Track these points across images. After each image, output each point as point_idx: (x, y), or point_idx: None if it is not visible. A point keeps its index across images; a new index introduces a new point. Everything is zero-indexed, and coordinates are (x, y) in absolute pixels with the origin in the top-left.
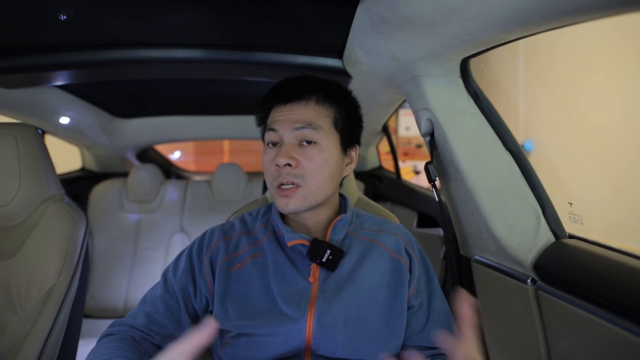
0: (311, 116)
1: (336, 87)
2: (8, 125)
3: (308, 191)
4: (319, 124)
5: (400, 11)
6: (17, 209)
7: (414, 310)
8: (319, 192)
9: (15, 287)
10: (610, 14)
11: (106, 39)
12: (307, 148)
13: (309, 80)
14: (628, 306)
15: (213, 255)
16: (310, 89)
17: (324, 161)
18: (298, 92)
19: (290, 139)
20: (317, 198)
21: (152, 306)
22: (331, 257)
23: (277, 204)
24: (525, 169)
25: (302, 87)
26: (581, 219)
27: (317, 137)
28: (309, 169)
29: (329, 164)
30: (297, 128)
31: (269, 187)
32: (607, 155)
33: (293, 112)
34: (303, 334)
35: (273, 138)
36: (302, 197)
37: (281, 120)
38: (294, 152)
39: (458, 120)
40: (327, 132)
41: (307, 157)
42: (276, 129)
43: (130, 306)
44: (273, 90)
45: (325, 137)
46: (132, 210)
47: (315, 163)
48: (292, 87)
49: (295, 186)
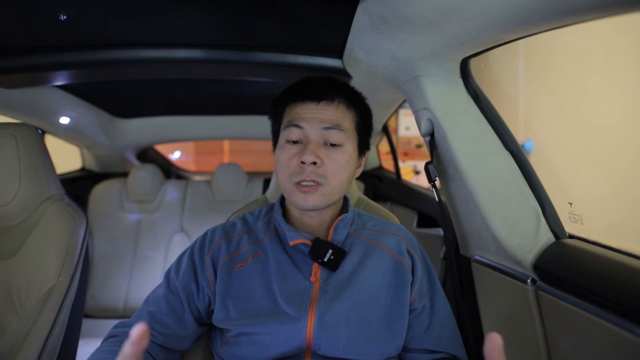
0: (339, 118)
1: (357, 93)
2: (8, 125)
3: (328, 191)
4: (345, 127)
5: (400, 11)
6: (17, 209)
7: (417, 312)
8: (337, 193)
9: (15, 287)
10: (610, 14)
11: (106, 39)
12: (331, 149)
13: (336, 82)
14: (628, 306)
15: (215, 254)
16: (338, 91)
17: (345, 162)
18: (328, 92)
19: (317, 137)
20: (335, 198)
21: (156, 305)
22: (333, 256)
23: (294, 199)
24: (525, 169)
25: (331, 88)
26: (581, 219)
27: (342, 139)
28: (331, 169)
29: (349, 166)
30: (326, 128)
31: (285, 183)
32: (607, 155)
33: (322, 112)
34: (304, 334)
35: (296, 135)
36: (322, 195)
37: (308, 118)
38: (320, 152)
39: (458, 120)
40: (350, 135)
41: (331, 158)
42: (302, 126)
43: (130, 306)
44: (299, 86)
45: (348, 140)
46: (132, 210)
47: (338, 164)
48: (322, 85)
49: (316, 184)
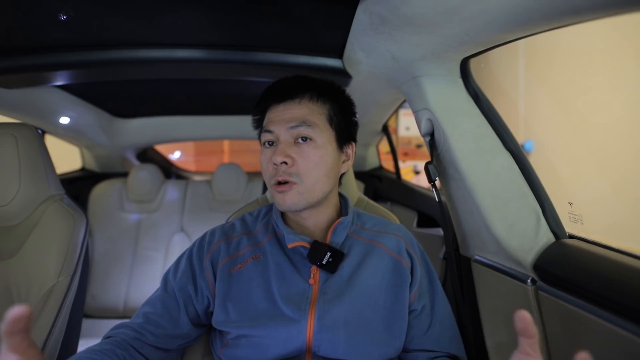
0: (305, 114)
1: (329, 84)
2: (8, 125)
3: (304, 188)
4: (313, 121)
5: (400, 11)
6: (17, 209)
7: (417, 313)
8: (316, 190)
9: (15, 287)
10: (610, 14)
11: (106, 39)
12: (302, 145)
13: (302, 79)
14: (628, 306)
15: (214, 256)
16: (303, 88)
17: (319, 158)
18: (291, 91)
19: (286, 137)
20: (314, 195)
21: (151, 307)
22: (331, 259)
23: (276, 201)
24: (525, 169)
25: (295, 86)
26: (581, 219)
27: (311, 134)
28: (304, 166)
29: (325, 161)
30: (292, 127)
31: (268, 186)
32: (607, 155)
33: (287, 111)
34: (303, 335)
35: (269, 138)
36: (298, 193)
37: (276, 121)
38: (290, 151)
39: (458, 120)
40: (322, 129)
41: (303, 155)
42: (271, 130)
43: (130, 306)
44: (267, 91)
45: (320, 134)
46: (132, 210)
47: (311, 160)
48: (285, 86)
49: (290, 183)
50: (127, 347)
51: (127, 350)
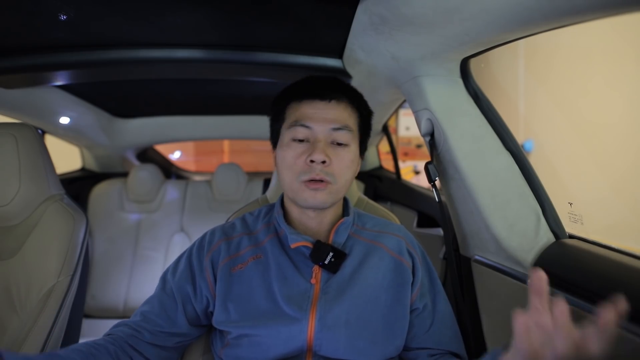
0: (346, 118)
1: (360, 94)
2: (8, 125)
3: (335, 189)
4: (352, 127)
5: (400, 11)
6: (17, 209)
7: (418, 312)
8: (342, 191)
9: (15, 287)
10: (610, 14)
11: (106, 39)
12: (338, 149)
13: (341, 83)
14: (628, 306)
15: (214, 256)
16: (344, 92)
17: (351, 162)
18: (334, 91)
19: (326, 136)
20: (340, 196)
21: (149, 306)
22: (333, 259)
23: (302, 196)
24: (525, 169)
25: (337, 87)
26: (581, 219)
27: (349, 139)
28: (338, 168)
29: (354, 165)
30: (335, 128)
31: (291, 182)
32: (607, 155)
33: (329, 111)
34: (305, 334)
35: (303, 135)
36: (329, 193)
37: (316, 118)
38: (328, 151)
39: (458, 120)
40: (355, 135)
41: (338, 157)
42: (309, 126)
43: (130, 306)
44: (305, 86)
45: (354, 139)
46: (132, 210)
47: (345, 164)
48: (329, 86)
49: (325, 182)
50: (122, 344)
51: (121, 348)
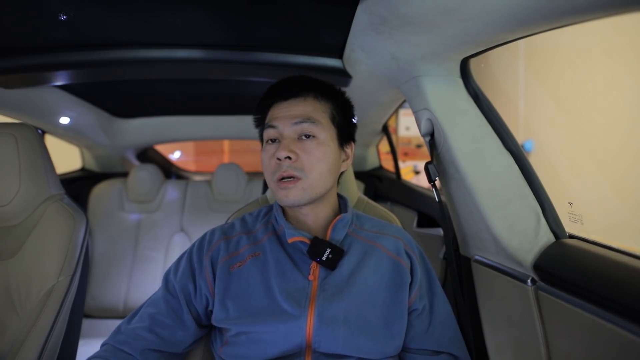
0: (309, 111)
1: (331, 86)
2: (8, 125)
3: (308, 184)
4: (317, 118)
5: (400, 11)
6: (17, 209)
7: (417, 313)
8: (319, 185)
9: (15, 287)
10: (610, 14)
11: (106, 39)
12: (306, 142)
13: (306, 78)
14: (628, 306)
15: (214, 255)
16: (307, 86)
17: (322, 154)
18: (295, 88)
19: (290, 133)
20: (317, 191)
21: (155, 307)
22: (331, 255)
23: (278, 196)
24: (525, 169)
25: (299, 84)
26: (581, 219)
27: (315, 130)
28: (308, 162)
29: (328, 157)
30: (297, 122)
31: (269, 183)
32: (608, 155)
33: (292, 108)
34: (303, 331)
35: (272, 135)
36: (302, 189)
37: (280, 117)
38: (294, 146)
39: (458, 120)
40: (324, 126)
41: (306, 151)
42: (275, 125)
43: (130, 306)
44: (271, 89)
45: (323, 130)
46: (132, 210)
47: (315, 156)
48: (289, 85)
49: (295, 179)
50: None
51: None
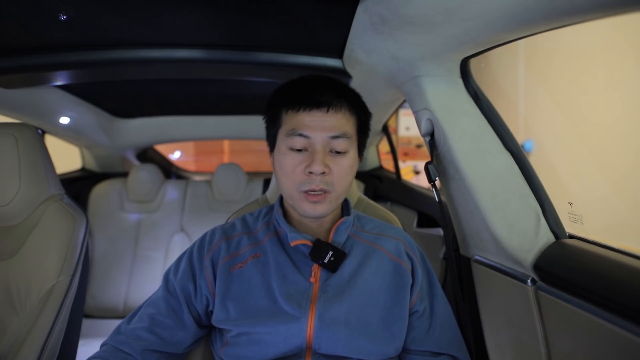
0: (344, 125)
1: (358, 95)
2: (8, 125)
3: (334, 197)
4: (351, 133)
5: (400, 11)
6: (17, 209)
7: (418, 314)
8: (342, 196)
9: (15, 287)
10: (610, 14)
11: (106, 39)
12: (337, 157)
13: (339, 86)
14: (628, 306)
15: (214, 255)
16: (340, 97)
17: (350, 168)
18: (334, 99)
19: (325, 145)
20: (339, 202)
21: (155, 307)
22: (333, 258)
23: (303, 208)
24: (525, 169)
25: (335, 93)
26: (581, 219)
27: (348, 146)
28: (337, 176)
29: (353, 170)
30: (333, 136)
31: (291, 191)
32: (608, 155)
33: (327, 119)
34: (304, 332)
35: (301, 144)
36: (329, 202)
37: (314, 127)
38: (327, 160)
39: (458, 120)
40: (353, 141)
41: (337, 165)
42: (308, 136)
43: (130, 306)
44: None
45: (352, 145)
46: (132, 210)
47: (344, 170)
48: (325, 92)
49: (324, 193)
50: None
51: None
